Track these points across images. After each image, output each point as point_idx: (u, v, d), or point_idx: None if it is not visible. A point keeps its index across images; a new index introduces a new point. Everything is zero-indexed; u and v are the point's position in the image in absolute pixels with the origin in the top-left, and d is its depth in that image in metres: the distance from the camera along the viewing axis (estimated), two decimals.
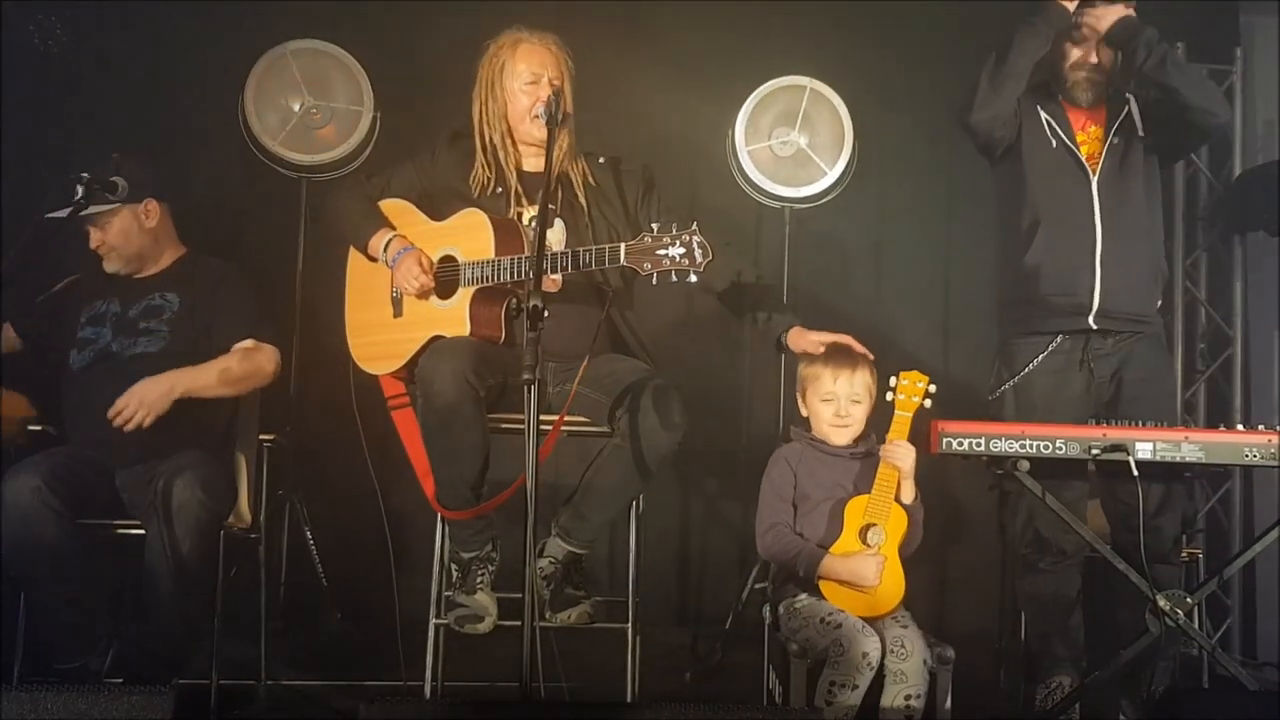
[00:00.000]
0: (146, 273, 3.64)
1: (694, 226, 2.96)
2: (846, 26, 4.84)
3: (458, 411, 3.14)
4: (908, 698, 3.05)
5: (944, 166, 4.89)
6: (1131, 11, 3.52)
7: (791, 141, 4.43)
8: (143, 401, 3.30)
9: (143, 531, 3.28)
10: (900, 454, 3.22)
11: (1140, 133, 3.58)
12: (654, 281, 3.02)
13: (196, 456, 3.33)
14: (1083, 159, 3.57)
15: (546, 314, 2.71)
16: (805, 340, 3.38)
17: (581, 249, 3.15)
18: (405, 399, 3.44)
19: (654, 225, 3.00)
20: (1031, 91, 3.62)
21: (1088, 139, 3.62)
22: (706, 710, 2.60)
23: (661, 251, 2.96)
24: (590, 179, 3.48)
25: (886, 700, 3.05)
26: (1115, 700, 3.49)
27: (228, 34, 4.54)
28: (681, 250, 2.95)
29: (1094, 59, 3.58)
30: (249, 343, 3.56)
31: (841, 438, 3.33)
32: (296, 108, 4.35)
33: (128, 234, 3.58)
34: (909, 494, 3.25)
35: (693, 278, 2.95)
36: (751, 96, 4.42)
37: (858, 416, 3.33)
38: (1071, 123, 3.62)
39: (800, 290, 4.55)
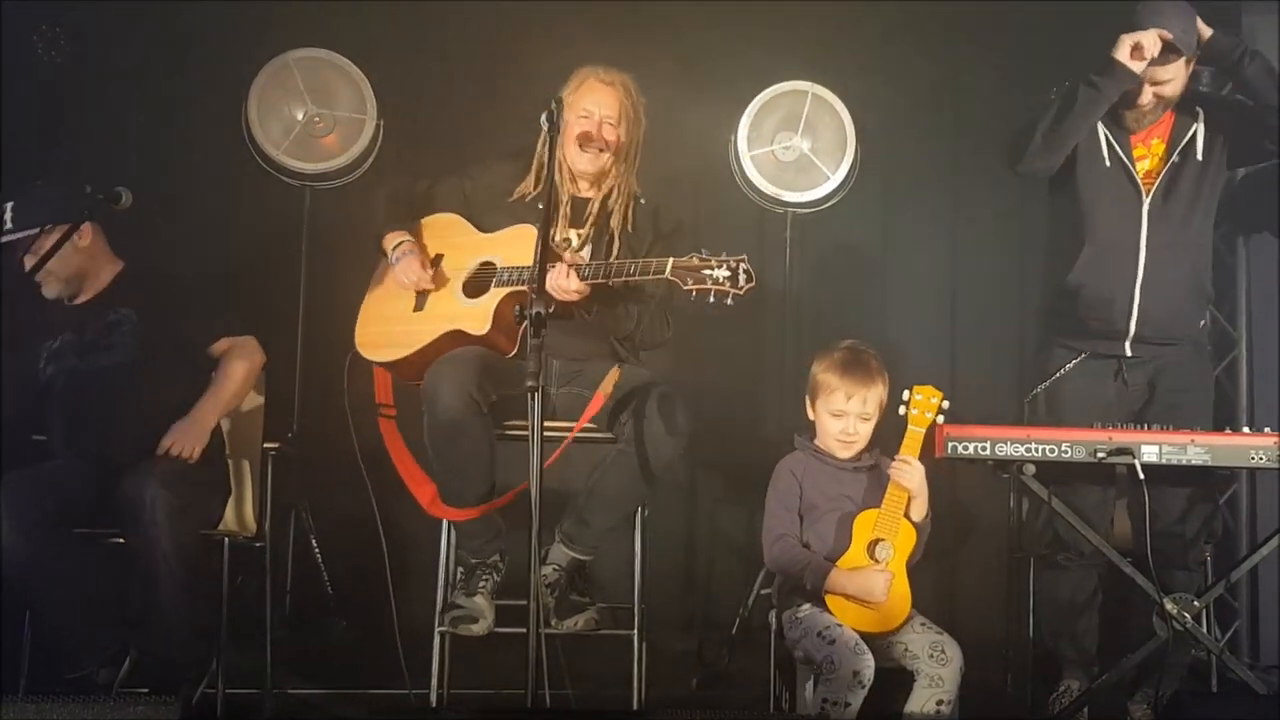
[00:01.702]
0: (89, 294, 3.61)
1: (744, 255, 3.03)
2: (849, 30, 4.84)
3: (463, 426, 3.16)
4: (939, 703, 3.04)
5: (948, 170, 4.89)
6: (1205, 29, 3.46)
7: (794, 146, 4.43)
8: (186, 438, 3.37)
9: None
10: (908, 474, 3.20)
11: (1200, 156, 3.53)
12: (693, 298, 3.06)
13: (169, 462, 3.34)
14: (1138, 177, 3.52)
15: (550, 310, 2.75)
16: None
17: (629, 260, 3.20)
18: (394, 410, 3.46)
19: (703, 250, 3.06)
20: None
21: (1148, 153, 3.56)
22: (713, 717, 2.60)
23: (708, 271, 3.02)
24: (628, 216, 3.50)
25: (916, 704, 3.04)
26: (1123, 704, 3.48)
27: (230, 43, 4.54)
28: (727, 274, 3.01)
29: (1158, 99, 3.50)
30: (223, 342, 3.57)
31: (845, 453, 3.32)
32: (299, 116, 4.35)
33: (63, 256, 3.48)
34: (919, 511, 3.23)
35: (730, 300, 3.02)
36: (754, 101, 4.42)
37: (864, 433, 3.30)
38: (1132, 141, 3.55)
39: (803, 296, 4.55)
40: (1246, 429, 3.30)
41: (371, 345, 3.49)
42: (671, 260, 3.07)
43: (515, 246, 3.37)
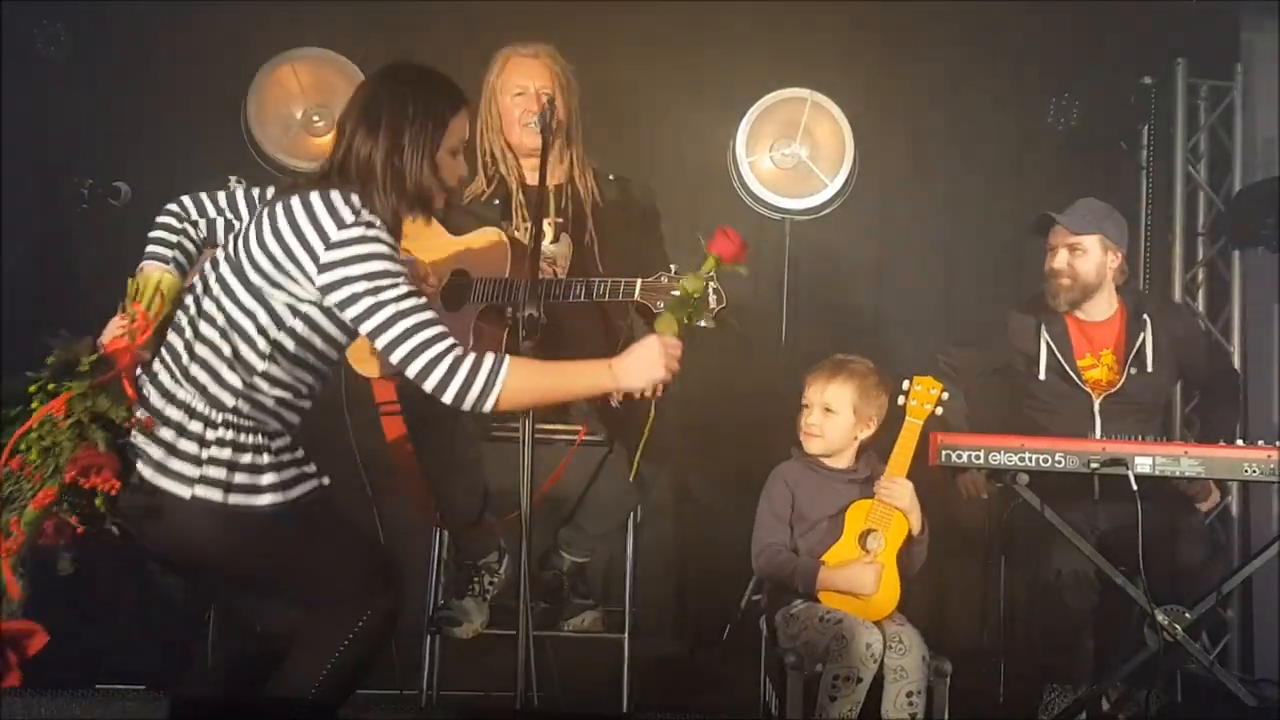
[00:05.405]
0: None
1: (712, 272, 2.97)
2: (847, 37, 4.85)
3: (443, 425, 3.14)
4: (909, 695, 3.02)
5: (945, 178, 4.89)
6: None
7: (792, 154, 4.44)
8: None
9: None
10: (896, 494, 3.17)
11: (1150, 367, 3.63)
12: None
13: None
14: (1085, 386, 3.61)
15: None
16: None
17: (597, 280, 3.14)
18: (396, 405, 3.44)
19: (672, 266, 3.02)
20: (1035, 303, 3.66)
21: (1097, 363, 3.64)
22: None
23: (676, 292, 2.96)
24: (597, 196, 3.47)
25: (888, 701, 3.01)
26: (1114, 715, 3.48)
27: (230, 42, 4.54)
28: None
29: (1064, 266, 3.61)
30: None
31: (811, 447, 3.26)
32: (298, 115, 4.36)
33: None
34: (915, 527, 3.20)
35: (703, 322, 2.95)
36: (752, 109, 4.43)
37: (829, 429, 3.23)
38: (1076, 351, 3.63)
39: (801, 303, 4.55)
40: (1240, 441, 3.30)
41: (360, 360, 3.48)
42: (640, 281, 3.03)
43: (485, 256, 3.32)
